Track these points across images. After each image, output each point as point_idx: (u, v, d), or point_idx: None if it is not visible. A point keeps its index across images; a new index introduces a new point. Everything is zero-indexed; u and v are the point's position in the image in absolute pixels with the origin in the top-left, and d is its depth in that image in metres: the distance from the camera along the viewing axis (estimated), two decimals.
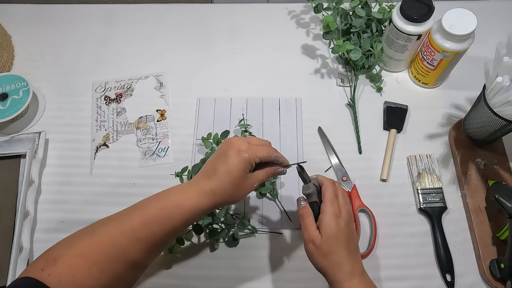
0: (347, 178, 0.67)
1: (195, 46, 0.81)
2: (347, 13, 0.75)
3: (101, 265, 0.43)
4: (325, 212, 0.49)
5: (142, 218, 0.46)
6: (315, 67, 0.78)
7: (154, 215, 0.46)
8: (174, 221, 0.46)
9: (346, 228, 0.49)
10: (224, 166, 0.47)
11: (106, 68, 0.79)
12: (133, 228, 0.45)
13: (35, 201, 0.65)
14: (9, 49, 0.79)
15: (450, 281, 0.59)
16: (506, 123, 0.58)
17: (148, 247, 0.46)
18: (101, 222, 0.47)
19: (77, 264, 0.43)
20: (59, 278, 0.41)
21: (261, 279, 0.60)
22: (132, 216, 0.46)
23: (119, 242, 0.44)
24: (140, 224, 0.45)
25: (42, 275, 0.41)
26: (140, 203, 0.48)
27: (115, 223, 0.46)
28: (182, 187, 0.49)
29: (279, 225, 0.64)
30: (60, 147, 0.71)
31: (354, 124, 0.71)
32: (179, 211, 0.46)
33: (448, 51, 0.64)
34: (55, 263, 0.42)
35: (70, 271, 0.42)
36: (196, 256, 0.62)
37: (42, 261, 0.43)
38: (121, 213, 0.48)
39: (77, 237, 0.46)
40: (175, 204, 0.47)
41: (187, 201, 0.47)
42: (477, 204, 0.63)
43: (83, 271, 0.42)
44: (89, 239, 0.45)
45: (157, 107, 0.75)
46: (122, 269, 0.45)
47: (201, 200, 0.47)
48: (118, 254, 0.44)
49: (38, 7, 0.86)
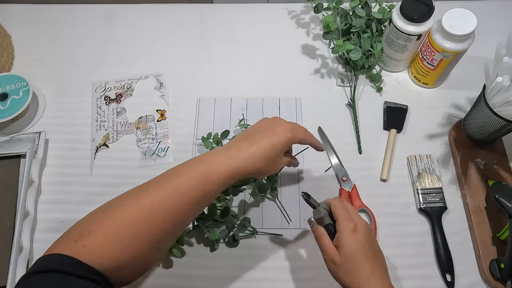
0: (347, 178, 0.67)
1: (195, 46, 0.81)
2: (347, 13, 0.75)
3: (141, 239, 0.43)
4: (341, 230, 0.48)
5: (185, 184, 0.45)
6: (315, 67, 0.78)
7: (197, 180, 0.46)
8: (214, 185, 0.47)
9: (366, 243, 0.48)
10: (268, 139, 0.49)
11: (106, 68, 0.79)
12: (173, 197, 0.45)
13: (35, 201, 0.65)
14: (9, 49, 0.79)
15: (450, 281, 0.59)
16: (506, 123, 0.58)
17: (184, 216, 0.46)
18: (138, 192, 0.46)
19: (113, 236, 0.42)
20: (94, 250, 0.40)
21: (261, 279, 0.60)
22: (172, 184, 0.46)
23: (156, 214, 0.44)
24: (182, 190, 0.45)
25: (76, 246, 0.40)
26: (179, 168, 0.48)
27: (155, 193, 0.45)
28: (223, 151, 0.49)
29: (279, 225, 0.64)
30: (60, 147, 0.71)
31: (354, 124, 0.71)
32: (222, 173, 0.47)
33: (448, 51, 0.64)
34: (89, 234, 0.41)
35: (108, 242, 0.41)
36: (196, 256, 0.62)
37: (76, 233, 0.42)
38: (157, 180, 0.47)
39: (114, 206, 0.44)
40: (217, 167, 0.47)
41: (230, 163, 0.47)
42: (477, 204, 0.63)
43: (119, 243, 0.42)
44: (127, 209, 0.44)
45: (157, 107, 0.75)
46: (159, 239, 0.45)
47: (241, 165, 0.48)
48: (156, 223, 0.44)
49: (38, 7, 0.86)
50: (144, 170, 0.69)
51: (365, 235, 0.48)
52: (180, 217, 0.46)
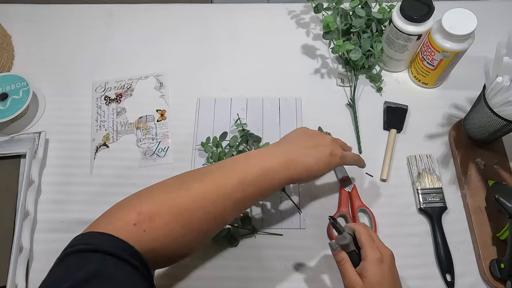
0: (347, 178, 0.67)
1: (195, 46, 0.81)
2: (347, 13, 0.75)
3: (196, 223, 0.43)
4: (367, 259, 0.48)
5: (241, 182, 0.47)
6: (315, 67, 0.78)
7: (253, 180, 0.47)
8: (267, 185, 0.49)
9: (390, 273, 0.48)
10: (315, 161, 0.51)
11: (106, 68, 0.79)
12: (234, 191, 0.46)
13: (35, 201, 0.65)
14: (9, 49, 0.79)
15: (450, 281, 0.59)
16: (506, 123, 0.58)
17: (241, 209, 0.49)
18: (195, 178, 0.46)
19: (174, 221, 0.42)
20: (155, 235, 0.40)
21: (261, 279, 0.60)
22: (231, 179, 0.46)
23: (219, 202, 0.45)
24: (239, 188, 0.46)
25: (135, 229, 0.39)
26: (234, 165, 0.49)
27: (214, 183, 0.46)
28: (281, 153, 0.50)
29: (279, 225, 0.64)
30: (60, 147, 0.71)
31: (354, 124, 0.71)
32: (272, 179, 0.49)
33: (448, 51, 0.64)
34: (151, 218, 0.40)
35: (166, 229, 0.41)
36: (196, 256, 0.62)
37: (133, 214, 0.41)
38: (214, 171, 0.48)
39: (172, 191, 0.44)
40: (270, 172, 0.49)
41: (286, 170, 0.49)
42: (477, 204, 0.63)
43: (179, 229, 0.42)
44: (186, 195, 0.44)
45: (157, 107, 0.75)
46: (212, 226, 0.46)
47: (293, 172, 0.50)
48: (216, 214, 0.45)
49: (38, 7, 0.86)
50: (144, 170, 0.69)
51: (390, 265, 0.49)
52: (236, 206, 0.47)
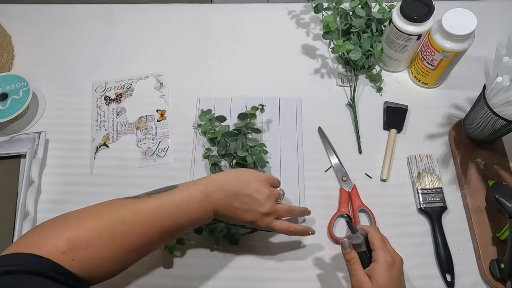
0: (347, 178, 0.67)
1: (195, 46, 0.81)
2: (347, 13, 0.75)
3: (128, 247, 0.45)
4: (378, 261, 0.48)
5: (167, 205, 0.49)
6: (315, 67, 0.78)
7: (185, 221, 0.50)
8: (192, 227, 0.54)
9: (398, 279, 0.49)
10: (243, 211, 0.53)
11: (106, 68, 0.79)
12: (165, 223, 0.48)
13: (35, 201, 0.65)
14: (9, 49, 0.79)
15: (450, 281, 0.59)
16: (506, 123, 0.58)
17: (169, 240, 0.56)
18: (131, 207, 0.47)
19: (106, 250, 0.43)
20: (85, 262, 0.41)
21: (261, 279, 0.60)
22: (163, 214, 0.48)
23: (150, 233, 0.47)
24: (170, 222, 0.49)
25: (63, 258, 0.39)
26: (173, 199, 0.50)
27: (151, 218, 0.47)
28: (202, 200, 0.51)
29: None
30: (60, 147, 0.71)
31: (354, 124, 0.71)
32: (198, 222, 0.52)
33: (448, 51, 0.64)
34: (80, 248, 0.41)
35: (98, 258, 0.42)
36: (196, 256, 0.62)
37: (62, 242, 0.40)
38: (152, 201, 0.49)
39: (104, 216, 0.45)
40: (198, 217, 0.51)
41: (206, 216, 0.52)
42: (477, 204, 0.63)
43: (110, 254, 0.43)
44: (124, 228, 0.45)
45: (157, 107, 0.75)
46: (146, 249, 0.48)
47: (210, 217, 0.53)
48: (149, 235, 0.47)
49: (38, 7, 0.86)
50: (144, 170, 0.69)
51: (399, 271, 0.49)
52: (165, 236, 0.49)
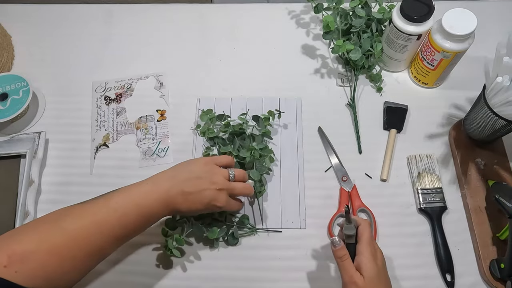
0: (347, 178, 0.67)
1: (195, 46, 0.81)
2: (347, 13, 0.75)
3: (75, 261, 0.45)
4: (363, 253, 0.50)
5: (120, 219, 0.48)
6: (315, 67, 0.78)
7: (131, 216, 0.49)
8: (147, 223, 0.52)
9: (383, 268, 0.50)
10: (190, 207, 0.53)
11: (106, 68, 0.79)
12: (112, 227, 0.47)
13: (35, 201, 0.65)
14: (9, 49, 0.79)
15: (450, 281, 0.59)
16: (506, 123, 0.58)
17: (122, 243, 0.51)
18: (73, 215, 0.47)
19: (51, 261, 0.42)
20: (30, 274, 0.41)
21: (261, 279, 0.60)
22: (109, 214, 0.48)
23: (96, 241, 0.46)
24: (117, 224, 0.48)
25: (6, 272, 0.39)
26: (113, 197, 0.50)
27: (90, 219, 0.47)
28: (151, 191, 0.51)
29: (279, 225, 0.64)
30: (60, 147, 0.71)
31: (354, 124, 0.71)
32: (152, 212, 0.51)
33: (448, 51, 0.64)
34: (22, 260, 0.41)
35: (42, 268, 0.42)
36: (196, 256, 0.62)
37: (3, 257, 0.41)
38: (91, 208, 0.48)
39: (47, 229, 0.45)
40: (150, 209, 0.51)
41: (159, 208, 0.51)
42: (477, 204, 0.63)
43: (56, 267, 0.43)
44: (62, 234, 0.44)
45: (157, 107, 0.75)
46: (95, 262, 0.48)
47: (168, 212, 0.53)
48: (93, 251, 0.46)
49: (38, 7, 0.86)
50: (144, 170, 0.69)
51: (382, 261, 0.51)
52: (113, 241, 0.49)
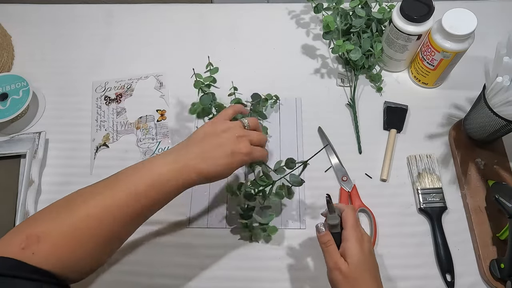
0: (347, 178, 0.67)
1: (195, 46, 0.81)
2: (347, 13, 0.75)
3: (87, 243, 0.43)
4: (348, 239, 0.49)
5: (131, 195, 0.45)
6: (315, 67, 0.78)
7: (143, 191, 0.46)
8: (163, 195, 0.47)
9: (370, 255, 0.49)
10: (212, 165, 0.49)
11: (106, 68, 0.79)
12: (120, 206, 0.45)
13: (35, 201, 0.65)
14: (9, 49, 0.79)
15: (450, 281, 0.59)
16: (506, 123, 0.58)
17: (132, 223, 0.47)
18: (84, 196, 0.46)
19: (63, 242, 0.42)
20: (45, 256, 0.40)
21: (261, 279, 0.61)
22: (119, 193, 0.45)
23: (105, 220, 0.44)
24: (128, 201, 0.45)
25: (24, 253, 0.40)
26: (125, 175, 0.47)
27: (101, 199, 0.45)
28: (173, 161, 0.48)
29: (279, 223, 0.64)
30: (60, 147, 0.71)
31: (354, 124, 0.71)
32: (170, 186, 0.47)
33: (448, 51, 0.64)
34: (39, 241, 0.41)
35: (56, 250, 0.41)
36: (195, 256, 0.62)
37: (22, 239, 0.41)
38: (106, 185, 0.47)
39: (61, 212, 0.44)
40: (167, 179, 0.47)
41: (179, 177, 0.47)
42: (477, 204, 0.63)
43: (69, 249, 0.42)
44: (75, 216, 0.44)
45: (157, 107, 0.75)
46: (107, 244, 0.45)
47: (193, 178, 0.48)
48: (104, 232, 0.44)
49: (38, 7, 0.86)
50: None
51: (369, 247, 0.50)
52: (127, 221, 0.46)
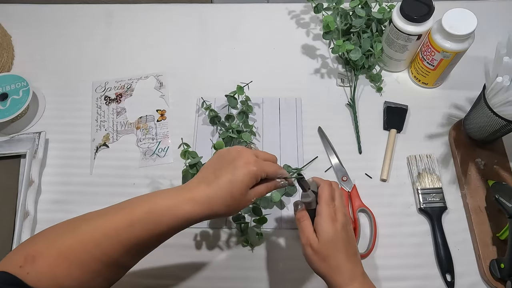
0: (347, 178, 0.67)
1: (195, 46, 0.81)
2: (347, 13, 0.74)
3: (83, 265, 0.42)
4: (320, 215, 0.48)
5: (127, 221, 0.43)
6: (315, 67, 0.78)
7: (140, 218, 0.43)
8: (161, 226, 0.44)
9: (343, 231, 0.48)
10: (228, 175, 0.44)
11: (106, 68, 0.79)
12: (117, 230, 0.43)
13: (35, 201, 0.65)
14: (9, 49, 0.79)
15: (450, 281, 0.59)
16: (506, 123, 0.58)
17: (130, 251, 0.44)
18: (85, 219, 0.45)
19: (58, 264, 0.41)
20: (39, 277, 0.40)
21: (261, 279, 0.61)
22: (117, 217, 0.44)
23: (101, 243, 0.42)
24: (124, 226, 0.43)
25: (20, 272, 0.39)
26: (128, 203, 0.46)
27: (99, 222, 0.44)
28: (175, 191, 0.46)
29: (279, 223, 0.64)
30: (60, 147, 0.71)
31: (354, 124, 0.71)
32: (168, 217, 0.44)
33: (448, 51, 0.64)
34: (34, 260, 0.40)
35: (50, 270, 0.41)
36: (196, 256, 0.62)
37: (21, 257, 0.41)
38: (107, 210, 0.46)
39: (59, 233, 0.44)
40: (165, 208, 0.44)
41: (179, 207, 0.44)
42: (477, 204, 0.63)
43: (64, 271, 0.41)
44: (71, 237, 0.43)
45: (157, 107, 0.75)
46: (104, 269, 0.43)
47: (194, 208, 0.44)
48: (100, 255, 0.43)
49: (38, 7, 0.86)
50: (144, 170, 0.69)
51: (343, 225, 0.49)
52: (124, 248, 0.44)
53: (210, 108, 0.70)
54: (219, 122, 0.71)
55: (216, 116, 0.70)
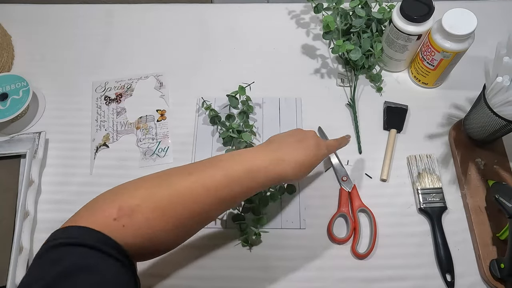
0: (347, 178, 0.67)
1: (195, 46, 0.81)
2: (347, 13, 0.75)
3: (179, 219, 0.43)
4: None
5: (226, 177, 0.45)
6: (315, 67, 0.78)
7: (239, 176, 0.46)
8: (256, 184, 0.48)
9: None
10: (303, 155, 0.50)
11: (106, 68, 0.79)
12: (216, 186, 0.45)
13: (35, 201, 0.65)
14: (9, 49, 0.79)
15: (450, 281, 0.59)
16: (506, 123, 0.58)
17: (227, 207, 0.48)
18: (179, 174, 0.46)
19: (155, 217, 0.41)
20: (135, 230, 0.39)
21: (261, 279, 0.61)
22: (215, 175, 0.45)
23: (202, 200, 0.44)
24: (224, 184, 0.45)
25: (114, 225, 0.39)
26: (219, 162, 0.48)
27: (195, 178, 0.45)
28: (262, 151, 0.49)
29: (279, 225, 0.64)
30: (60, 147, 0.71)
31: (354, 124, 0.71)
32: (263, 177, 0.47)
33: (448, 51, 0.64)
34: (132, 214, 0.40)
35: (147, 224, 0.40)
36: (196, 256, 0.62)
37: (115, 210, 0.40)
38: (199, 168, 0.47)
39: (154, 185, 0.44)
40: (260, 169, 0.47)
41: (273, 168, 0.48)
42: (477, 204, 0.63)
43: (160, 224, 0.41)
44: (168, 191, 0.43)
45: (157, 107, 0.75)
46: (196, 223, 0.46)
47: (285, 169, 0.48)
48: (199, 210, 0.44)
49: (38, 7, 0.86)
50: (144, 170, 0.69)
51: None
52: (220, 203, 0.46)
53: (210, 108, 0.70)
54: (219, 122, 0.71)
55: (217, 115, 0.70)
